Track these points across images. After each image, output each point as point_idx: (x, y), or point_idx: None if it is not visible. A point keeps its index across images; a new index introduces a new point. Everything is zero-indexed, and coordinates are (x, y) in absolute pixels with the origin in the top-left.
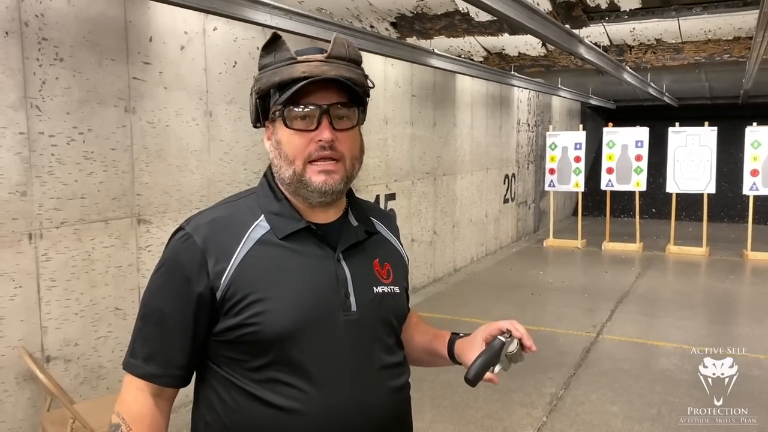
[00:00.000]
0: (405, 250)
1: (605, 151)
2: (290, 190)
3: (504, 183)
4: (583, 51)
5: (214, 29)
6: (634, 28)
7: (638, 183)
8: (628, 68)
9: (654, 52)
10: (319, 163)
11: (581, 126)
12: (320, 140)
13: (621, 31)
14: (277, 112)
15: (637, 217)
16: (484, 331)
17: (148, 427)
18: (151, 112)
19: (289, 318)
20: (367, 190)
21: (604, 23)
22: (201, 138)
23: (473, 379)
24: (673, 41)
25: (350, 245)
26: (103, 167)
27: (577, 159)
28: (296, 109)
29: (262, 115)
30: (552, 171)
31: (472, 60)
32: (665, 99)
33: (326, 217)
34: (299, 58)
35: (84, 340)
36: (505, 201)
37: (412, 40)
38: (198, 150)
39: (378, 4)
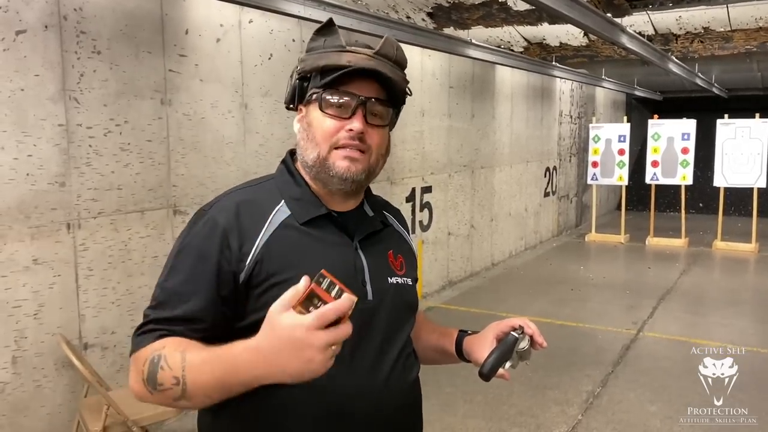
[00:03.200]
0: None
1: (650, 143)
2: (312, 173)
3: (545, 176)
4: (625, 40)
5: (250, 21)
6: (680, 17)
7: (684, 177)
8: (674, 58)
9: (701, 41)
10: (345, 149)
11: (626, 118)
12: (351, 129)
13: (666, 19)
14: (315, 95)
15: (683, 211)
16: (495, 328)
17: (178, 342)
18: (187, 104)
19: None
20: (402, 182)
21: (648, 11)
22: (236, 130)
23: (488, 374)
24: (722, 29)
25: (367, 235)
26: (140, 159)
27: (621, 152)
28: (334, 95)
29: (298, 97)
30: (595, 164)
31: (511, 50)
32: (714, 90)
33: (345, 205)
34: (348, 48)
35: (120, 328)
36: (546, 194)
37: (449, 31)
38: (233, 142)
39: None
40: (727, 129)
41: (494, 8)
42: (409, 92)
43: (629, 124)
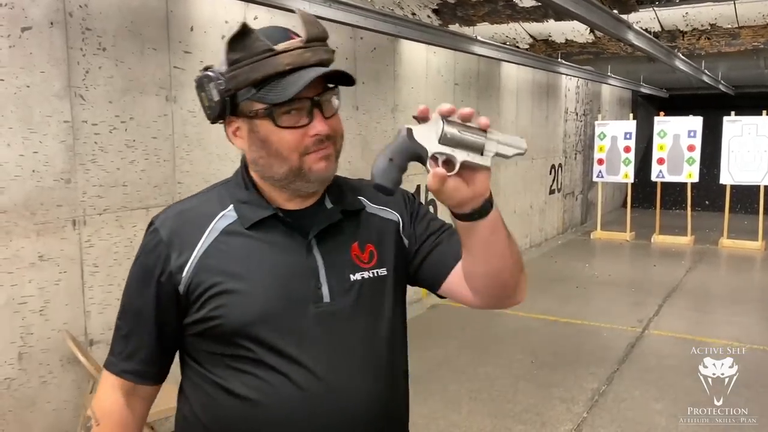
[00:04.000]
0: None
1: (656, 141)
2: (281, 185)
3: (550, 173)
4: (632, 37)
5: (255, 18)
6: (687, 13)
7: (690, 174)
8: (681, 55)
9: (708, 38)
10: (317, 152)
11: (632, 115)
12: (317, 134)
13: (673, 16)
14: (261, 111)
15: (689, 209)
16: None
17: (116, 424)
18: (192, 101)
19: (253, 310)
20: (408, 179)
21: (655, 8)
22: None
23: (380, 182)
24: (729, 26)
25: (325, 230)
26: (145, 155)
27: (627, 149)
28: (286, 107)
29: (229, 111)
30: (601, 161)
31: (517, 47)
32: (721, 87)
33: (301, 202)
34: (278, 48)
35: None
36: (551, 192)
37: (454, 27)
38: None
39: None
40: (733, 126)
41: (500, 5)
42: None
43: (635, 121)
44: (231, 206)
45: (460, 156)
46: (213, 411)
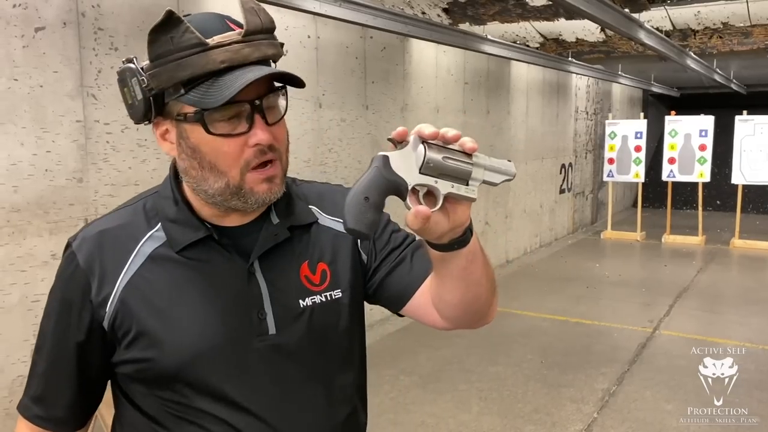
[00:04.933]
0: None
1: (667, 140)
2: (216, 200)
3: (560, 173)
4: (643, 36)
5: None
6: (698, 12)
7: (701, 174)
8: (692, 54)
9: (720, 37)
10: (260, 169)
11: (642, 114)
12: (257, 144)
13: (684, 14)
14: (191, 115)
15: (700, 209)
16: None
17: None
18: None
19: (186, 351)
20: None
21: (666, 6)
22: None
23: (350, 224)
24: (742, 25)
25: (270, 250)
26: (156, 154)
27: (638, 148)
28: (220, 112)
29: (154, 112)
30: (611, 161)
31: (527, 46)
32: (733, 86)
33: (241, 218)
34: (211, 43)
35: None
36: (561, 191)
37: (464, 26)
38: None
39: None
40: (745, 125)
41: (510, 3)
42: (285, 52)
43: (646, 120)
44: (159, 225)
45: (444, 188)
46: None
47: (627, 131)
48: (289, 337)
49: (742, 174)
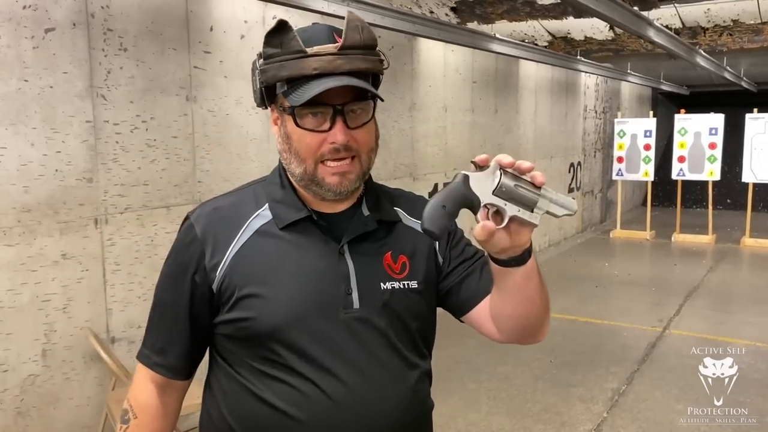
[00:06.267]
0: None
1: (677, 138)
2: (300, 185)
3: (569, 171)
4: (652, 34)
5: (274, 17)
6: (708, 9)
7: (711, 172)
8: (702, 52)
9: (730, 34)
10: (332, 163)
11: (652, 113)
12: (334, 142)
13: (694, 12)
14: (286, 109)
15: (710, 207)
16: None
17: (152, 417)
18: (211, 101)
19: (282, 314)
20: (425, 178)
21: (676, 4)
22: (261, 126)
23: (428, 226)
24: (752, 22)
25: (359, 237)
26: (165, 155)
27: (647, 147)
28: (307, 109)
29: (267, 100)
30: (620, 159)
31: (536, 45)
32: (743, 84)
33: (336, 206)
34: (310, 51)
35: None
36: (570, 190)
37: (473, 25)
38: (257, 138)
39: None
40: (756, 123)
41: (519, 2)
42: (387, 65)
43: (655, 118)
44: (266, 205)
45: (511, 210)
46: (242, 415)
47: (636, 130)
48: (369, 312)
49: (753, 172)
